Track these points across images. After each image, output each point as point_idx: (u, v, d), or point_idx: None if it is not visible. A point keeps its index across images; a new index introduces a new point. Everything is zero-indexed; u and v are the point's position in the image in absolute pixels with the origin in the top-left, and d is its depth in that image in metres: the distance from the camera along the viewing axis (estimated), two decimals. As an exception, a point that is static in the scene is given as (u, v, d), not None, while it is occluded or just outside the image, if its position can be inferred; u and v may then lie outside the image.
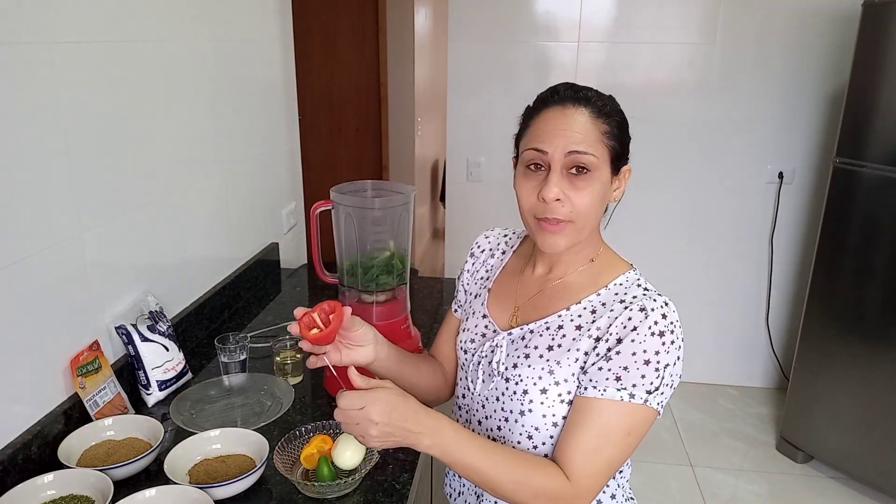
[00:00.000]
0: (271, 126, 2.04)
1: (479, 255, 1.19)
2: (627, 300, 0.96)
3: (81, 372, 1.19)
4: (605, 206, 1.01)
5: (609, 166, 0.97)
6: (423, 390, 1.14)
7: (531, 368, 0.99)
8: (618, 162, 0.99)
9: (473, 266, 1.19)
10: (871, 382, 2.36)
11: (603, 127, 0.96)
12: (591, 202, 0.95)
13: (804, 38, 2.75)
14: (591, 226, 0.99)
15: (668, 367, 0.93)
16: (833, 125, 2.76)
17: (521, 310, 1.07)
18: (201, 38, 1.58)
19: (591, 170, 0.94)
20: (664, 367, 0.92)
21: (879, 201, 2.28)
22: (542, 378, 0.98)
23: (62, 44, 1.13)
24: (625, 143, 0.99)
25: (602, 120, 0.96)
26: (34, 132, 1.08)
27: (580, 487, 0.91)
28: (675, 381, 0.96)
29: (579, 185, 0.94)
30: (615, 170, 0.99)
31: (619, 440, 0.92)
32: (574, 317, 0.99)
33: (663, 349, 0.91)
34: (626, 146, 1.00)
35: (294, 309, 1.03)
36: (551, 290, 1.04)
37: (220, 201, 1.74)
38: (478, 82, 2.98)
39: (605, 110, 0.97)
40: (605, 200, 1.00)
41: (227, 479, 1.06)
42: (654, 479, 2.57)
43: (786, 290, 3.10)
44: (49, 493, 1.01)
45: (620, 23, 2.84)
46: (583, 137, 0.94)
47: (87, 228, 1.23)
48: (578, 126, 0.95)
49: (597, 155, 0.94)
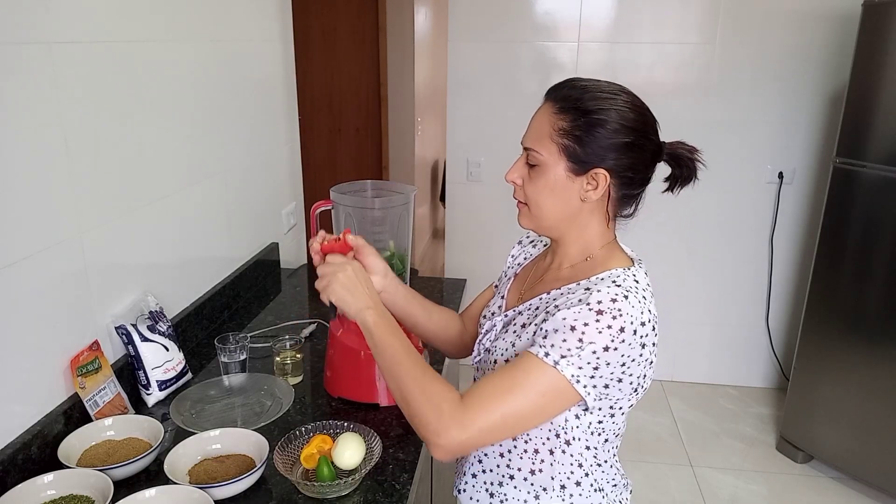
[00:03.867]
0: (271, 126, 2.04)
1: (527, 243, 1.25)
2: (592, 285, 0.96)
3: (81, 372, 1.19)
4: (567, 203, 1.00)
5: (564, 164, 0.97)
6: (431, 335, 1.24)
7: (504, 342, 1.05)
8: (579, 162, 0.96)
9: (517, 252, 1.25)
10: (871, 382, 2.36)
11: (559, 124, 0.97)
12: (537, 194, 1.00)
13: (804, 38, 2.75)
14: (554, 217, 1.01)
15: (595, 349, 0.90)
16: (833, 125, 2.76)
17: (524, 294, 1.12)
18: (201, 37, 1.59)
19: (539, 164, 0.99)
20: (588, 343, 0.90)
21: (879, 201, 2.28)
22: (507, 350, 1.03)
23: (62, 44, 1.13)
24: (588, 144, 0.95)
25: (561, 116, 0.97)
26: (34, 132, 1.08)
27: (465, 416, 0.91)
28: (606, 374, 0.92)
29: (531, 176, 1.01)
30: (580, 170, 0.97)
31: (528, 396, 0.92)
32: (550, 299, 1.02)
33: (595, 325, 0.90)
34: (589, 147, 0.95)
35: (294, 309, 1.03)
36: (547, 279, 1.09)
37: (220, 201, 1.74)
38: (478, 82, 2.98)
39: (568, 107, 0.97)
40: (566, 197, 0.99)
41: (227, 479, 1.06)
42: (654, 479, 2.57)
43: (786, 290, 3.10)
44: (49, 493, 1.01)
45: (620, 23, 2.84)
46: (534, 134, 1.00)
47: (87, 228, 1.23)
48: (536, 122, 1.01)
49: (541, 152, 0.98)
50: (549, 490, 1.05)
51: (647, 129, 0.98)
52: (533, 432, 1.03)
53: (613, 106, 0.96)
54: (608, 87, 0.99)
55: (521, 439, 1.05)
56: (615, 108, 0.96)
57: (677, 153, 1.02)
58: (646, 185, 1.03)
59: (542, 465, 1.04)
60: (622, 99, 0.97)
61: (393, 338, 1.00)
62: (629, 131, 0.96)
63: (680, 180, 1.04)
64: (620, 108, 0.96)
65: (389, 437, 1.22)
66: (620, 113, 0.96)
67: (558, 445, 1.02)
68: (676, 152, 1.02)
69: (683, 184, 1.04)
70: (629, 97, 0.98)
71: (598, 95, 0.96)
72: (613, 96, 0.97)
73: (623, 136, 0.96)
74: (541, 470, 1.05)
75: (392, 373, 0.98)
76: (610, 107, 0.96)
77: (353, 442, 1.10)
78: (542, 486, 1.05)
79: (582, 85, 0.99)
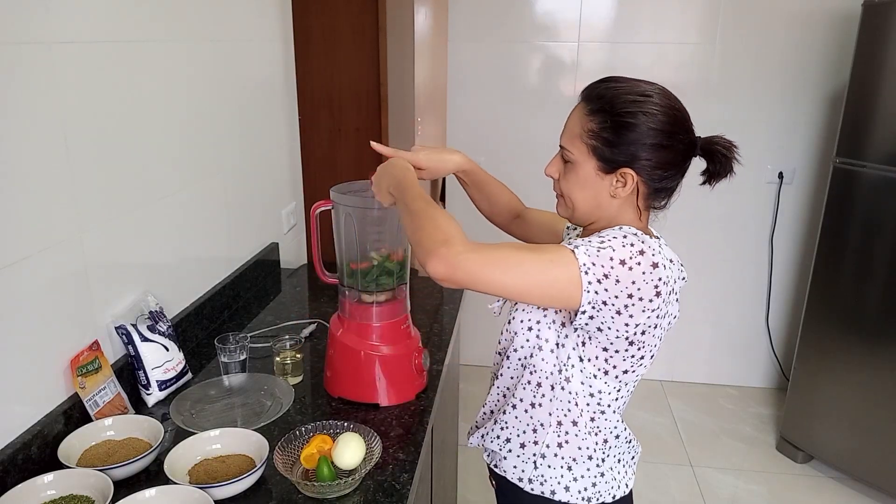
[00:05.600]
0: (271, 126, 2.04)
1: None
2: None
3: (81, 372, 1.19)
4: (597, 198, 1.04)
5: (594, 163, 1.01)
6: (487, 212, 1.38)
7: None
8: (607, 162, 1.00)
9: None
10: (871, 382, 2.36)
11: (588, 125, 1.01)
12: (570, 188, 1.06)
13: (804, 38, 2.75)
14: (586, 209, 1.06)
15: (613, 255, 0.94)
16: (833, 125, 2.76)
17: None
18: (201, 37, 1.58)
19: (571, 162, 1.04)
20: (608, 247, 0.95)
21: (879, 201, 2.28)
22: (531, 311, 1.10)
23: (62, 44, 1.13)
24: (615, 145, 0.98)
25: (591, 118, 1.01)
26: (34, 132, 1.08)
27: (475, 243, 0.96)
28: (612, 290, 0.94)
29: (566, 172, 1.06)
30: (609, 169, 1.01)
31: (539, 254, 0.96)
32: None
33: (620, 240, 0.96)
34: (617, 148, 0.99)
35: (294, 309, 1.03)
36: None
37: (220, 201, 1.74)
38: (478, 82, 2.98)
39: (599, 109, 1.00)
40: (596, 192, 1.03)
41: (227, 479, 1.06)
42: (654, 479, 2.57)
43: (786, 290, 3.10)
44: (49, 493, 1.01)
45: (620, 23, 2.84)
46: (568, 132, 1.05)
47: (87, 228, 1.23)
48: (570, 122, 1.05)
49: (572, 151, 1.03)
50: (545, 426, 1.09)
51: (676, 131, 1.00)
52: (539, 365, 1.08)
53: (642, 109, 0.98)
54: (641, 88, 1.00)
55: (527, 370, 1.09)
56: (643, 112, 0.97)
57: (712, 150, 1.03)
58: (679, 180, 1.05)
59: (542, 400, 1.09)
60: (652, 101, 0.98)
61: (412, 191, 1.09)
62: (657, 133, 0.98)
63: (714, 175, 1.05)
64: (650, 110, 0.98)
65: (389, 437, 1.22)
66: (649, 116, 0.97)
67: (559, 381, 1.07)
68: (711, 148, 1.03)
69: (719, 178, 1.05)
70: (661, 98, 1.00)
71: (628, 99, 0.98)
72: (644, 98, 0.98)
73: (651, 139, 0.98)
74: (541, 404, 1.09)
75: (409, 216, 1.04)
76: (638, 110, 0.97)
77: (353, 442, 1.10)
78: (540, 421, 1.10)
79: (615, 86, 1.01)
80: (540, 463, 1.12)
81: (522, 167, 3.17)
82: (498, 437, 1.16)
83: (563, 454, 1.10)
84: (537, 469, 1.13)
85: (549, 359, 1.07)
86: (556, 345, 1.06)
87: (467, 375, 2.67)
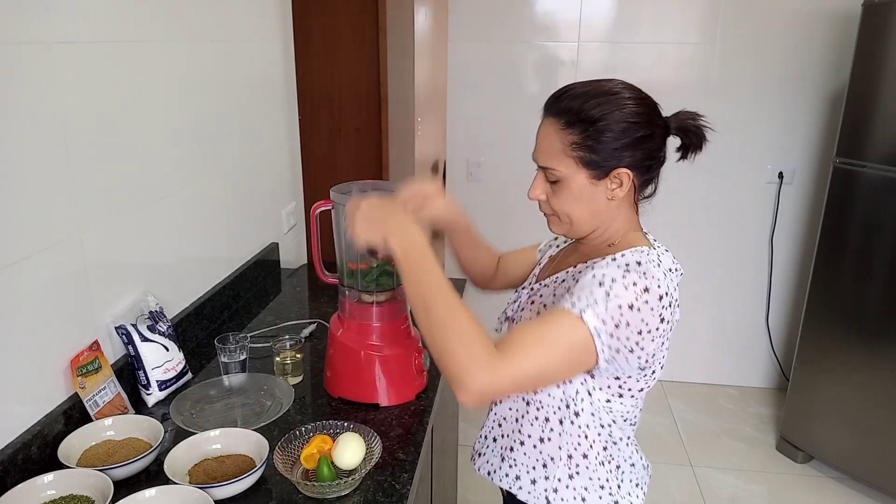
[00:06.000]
0: (271, 126, 2.04)
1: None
2: (618, 255, 0.99)
3: (81, 372, 1.19)
4: (595, 206, 1.02)
5: (585, 173, 0.99)
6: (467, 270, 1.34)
7: (528, 311, 1.13)
8: (598, 168, 0.99)
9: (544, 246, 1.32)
10: (871, 382, 2.36)
11: (569, 138, 0.99)
12: (565, 206, 1.03)
13: (804, 38, 2.75)
14: (586, 221, 1.04)
15: (620, 303, 0.92)
16: (833, 125, 2.76)
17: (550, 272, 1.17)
18: (201, 37, 1.58)
19: (560, 180, 1.01)
20: (614, 297, 0.92)
21: (879, 201, 2.28)
22: (531, 320, 1.07)
23: (62, 44, 1.13)
24: (602, 149, 0.97)
25: (569, 131, 0.98)
26: (34, 132, 1.08)
27: (498, 363, 0.89)
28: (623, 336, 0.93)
29: (554, 191, 1.03)
30: (602, 174, 0.99)
31: (557, 349, 0.92)
32: (575, 272, 1.07)
33: (622, 281, 0.93)
34: (604, 152, 0.97)
35: (294, 309, 1.03)
36: (573, 258, 1.13)
37: (220, 201, 1.74)
38: (478, 82, 2.98)
39: (574, 120, 0.98)
40: (593, 201, 1.02)
41: (227, 479, 1.06)
42: (654, 480, 2.56)
43: (786, 290, 3.10)
44: (49, 493, 1.01)
45: (620, 23, 2.84)
46: (547, 152, 1.01)
47: (87, 228, 1.23)
48: (546, 141, 1.02)
49: (559, 168, 1.00)
50: (556, 459, 1.08)
51: (652, 117, 1.00)
52: (545, 400, 1.07)
53: (615, 107, 0.97)
54: (605, 87, 0.99)
55: (533, 405, 1.08)
56: (618, 109, 0.97)
57: (684, 125, 1.04)
58: (662, 164, 1.05)
59: (552, 434, 1.08)
60: (622, 96, 0.98)
61: (422, 267, 0.94)
62: (637, 126, 0.98)
63: (691, 148, 1.05)
64: (623, 105, 0.97)
65: (389, 437, 1.22)
66: (624, 111, 0.97)
67: (567, 416, 1.06)
68: (683, 124, 1.04)
69: (695, 151, 1.05)
70: (627, 91, 1.00)
71: (598, 101, 0.97)
72: (613, 96, 0.98)
73: (633, 132, 0.98)
74: (549, 438, 1.08)
75: (422, 306, 0.93)
76: (612, 108, 0.97)
77: (352, 442, 1.10)
78: (550, 456, 1.09)
79: (579, 93, 0.99)
80: (553, 498, 1.10)
81: (522, 167, 3.17)
82: (507, 475, 1.14)
83: (574, 485, 1.09)
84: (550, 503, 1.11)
85: (555, 394, 1.06)
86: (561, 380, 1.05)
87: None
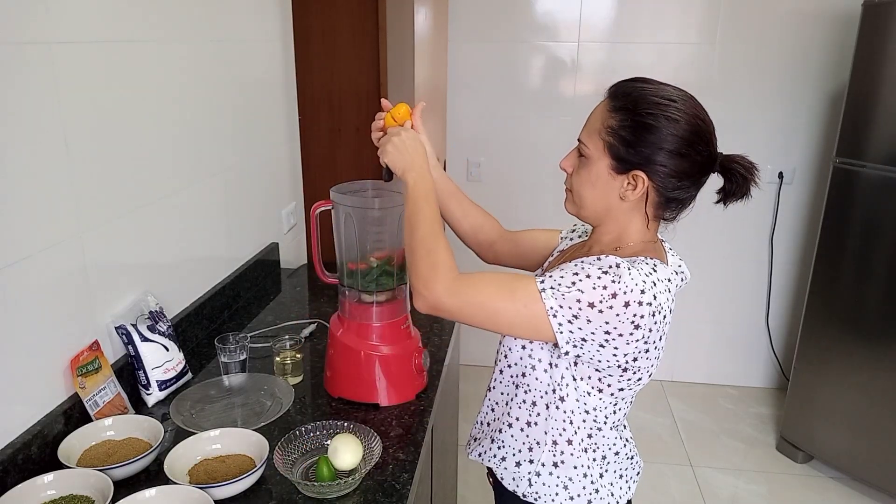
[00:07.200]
0: (271, 126, 2.04)
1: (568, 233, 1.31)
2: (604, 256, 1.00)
3: (81, 372, 1.19)
4: (606, 198, 1.02)
5: (608, 161, 0.99)
6: (461, 232, 1.33)
7: None
8: (621, 161, 0.98)
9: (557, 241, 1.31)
10: (871, 382, 2.36)
11: (609, 121, 0.99)
12: (580, 184, 1.04)
13: (804, 38, 2.75)
14: (593, 208, 1.04)
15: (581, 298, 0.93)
16: (833, 125, 2.76)
17: None
18: (201, 37, 1.58)
19: (587, 157, 1.02)
20: (577, 290, 0.93)
21: (879, 201, 2.28)
22: None
23: (62, 44, 1.13)
24: (631, 144, 0.96)
25: (613, 114, 0.99)
26: (34, 132, 1.08)
27: (455, 284, 0.99)
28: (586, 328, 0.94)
29: (578, 167, 1.05)
30: (622, 169, 0.99)
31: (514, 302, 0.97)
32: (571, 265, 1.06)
33: (593, 280, 0.93)
34: (632, 148, 0.96)
35: (294, 309, 1.04)
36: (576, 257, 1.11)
37: (220, 201, 1.74)
38: (478, 82, 2.98)
39: (621, 105, 0.98)
40: (606, 192, 1.02)
41: (227, 479, 1.06)
42: (654, 479, 2.57)
43: (786, 290, 3.10)
44: (49, 493, 1.01)
45: (620, 23, 2.84)
46: (588, 127, 1.03)
47: (87, 228, 1.23)
48: (592, 117, 1.03)
49: (588, 146, 1.02)
50: (541, 444, 1.09)
51: (696, 140, 0.97)
52: (533, 384, 1.07)
53: (665, 113, 0.95)
54: (668, 92, 0.98)
55: (521, 389, 1.09)
56: (666, 116, 0.95)
57: (731, 167, 1.00)
58: (693, 193, 1.01)
59: (538, 419, 1.08)
60: (676, 107, 0.96)
61: (423, 203, 1.07)
62: (676, 140, 0.95)
63: (730, 195, 1.02)
64: (672, 115, 0.95)
65: (389, 437, 1.22)
66: (671, 121, 0.95)
67: (553, 401, 1.06)
68: (730, 166, 1.00)
69: (734, 199, 1.02)
70: (686, 105, 0.97)
71: (653, 100, 0.96)
72: (669, 102, 0.96)
73: (669, 144, 0.96)
74: (536, 423, 1.09)
75: (411, 228, 1.06)
76: (661, 113, 0.95)
77: (351, 443, 1.10)
78: (536, 440, 1.10)
79: (642, 86, 0.99)
80: (535, 481, 1.11)
81: (522, 167, 3.17)
82: (495, 455, 1.16)
83: (558, 473, 1.09)
84: (532, 486, 1.11)
85: (542, 378, 1.06)
86: (549, 364, 1.05)
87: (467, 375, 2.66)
